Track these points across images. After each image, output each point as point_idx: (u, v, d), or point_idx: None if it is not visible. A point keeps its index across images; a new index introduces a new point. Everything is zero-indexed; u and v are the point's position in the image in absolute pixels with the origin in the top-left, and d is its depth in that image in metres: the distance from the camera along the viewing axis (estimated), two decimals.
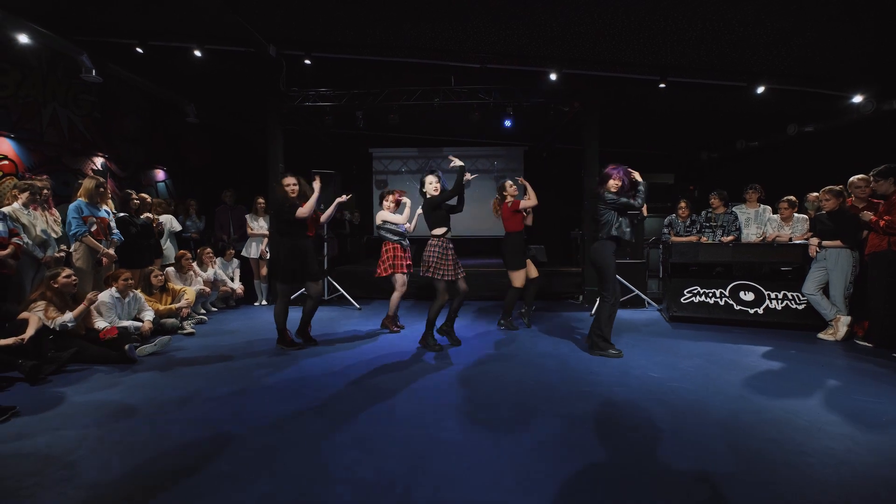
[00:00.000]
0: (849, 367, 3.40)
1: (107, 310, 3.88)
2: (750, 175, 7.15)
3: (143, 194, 5.24)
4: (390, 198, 4.62)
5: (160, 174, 8.21)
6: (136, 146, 7.64)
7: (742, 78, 5.91)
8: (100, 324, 3.66)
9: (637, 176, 3.74)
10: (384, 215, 4.53)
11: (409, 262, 4.53)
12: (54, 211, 4.18)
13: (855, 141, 6.56)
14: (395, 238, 4.49)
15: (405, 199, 4.78)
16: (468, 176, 4.04)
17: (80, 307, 3.45)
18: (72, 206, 4.08)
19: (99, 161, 6.92)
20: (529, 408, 2.58)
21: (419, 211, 4.24)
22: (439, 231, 3.85)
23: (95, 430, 2.30)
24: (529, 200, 4.53)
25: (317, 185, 3.84)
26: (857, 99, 5.76)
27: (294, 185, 3.83)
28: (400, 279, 4.46)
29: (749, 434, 2.25)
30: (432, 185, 3.96)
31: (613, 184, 3.67)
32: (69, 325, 3.35)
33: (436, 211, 3.87)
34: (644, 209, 3.84)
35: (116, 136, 7.24)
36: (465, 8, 4.85)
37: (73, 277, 3.60)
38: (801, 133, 7.20)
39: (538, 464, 1.98)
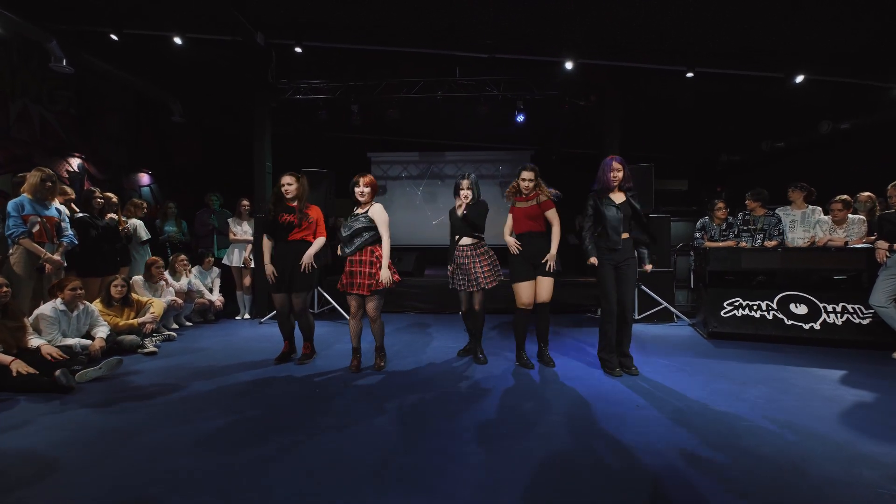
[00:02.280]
0: None
1: (48, 325, 3.24)
2: (776, 179, 6.55)
3: (109, 193, 4.63)
4: (362, 181, 3.25)
5: (145, 178, 7.64)
6: (118, 147, 7.08)
7: (779, 68, 5.35)
8: (34, 342, 3.02)
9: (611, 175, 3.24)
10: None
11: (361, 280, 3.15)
12: None
13: None
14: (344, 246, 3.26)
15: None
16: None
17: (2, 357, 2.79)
18: (11, 202, 3.48)
19: (76, 162, 6.36)
20: (564, 462, 1.93)
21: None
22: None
23: None
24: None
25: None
26: None
27: (289, 184, 3.37)
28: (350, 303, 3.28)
29: (891, 502, 1.59)
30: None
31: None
32: None
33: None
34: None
35: (97, 135, 6.69)
36: None
37: (6, 289, 2.98)
38: (835, 131, 6.63)
39: None
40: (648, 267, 3.37)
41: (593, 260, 3.20)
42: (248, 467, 1.86)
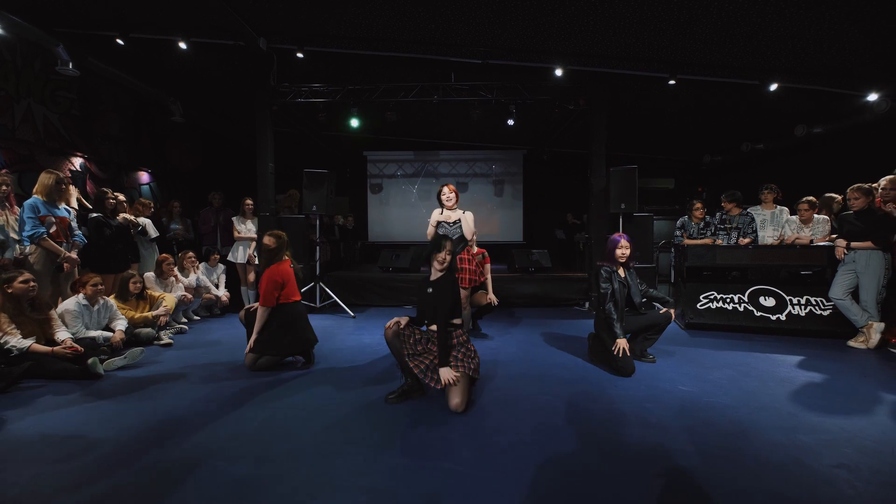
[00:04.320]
0: (891, 376, 3.10)
1: (72, 318, 3.48)
2: (755, 179, 6.94)
3: (119, 194, 4.85)
4: (447, 189, 3.93)
5: (144, 177, 7.82)
6: (118, 146, 7.25)
7: (754, 75, 5.69)
8: (61, 335, 3.25)
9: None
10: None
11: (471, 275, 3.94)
12: (16, 209, 3.78)
13: (867, 143, 6.37)
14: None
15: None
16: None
17: (42, 347, 3.08)
18: (27, 203, 3.68)
19: (78, 162, 6.53)
20: (552, 429, 2.24)
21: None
22: None
23: (37, 464, 1.91)
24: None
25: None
26: (872, 97, 5.56)
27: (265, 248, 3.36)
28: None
29: (816, 460, 1.92)
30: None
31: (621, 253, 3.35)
32: (16, 351, 2.96)
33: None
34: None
35: (97, 135, 6.86)
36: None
37: (32, 283, 3.21)
38: (809, 134, 7.02)
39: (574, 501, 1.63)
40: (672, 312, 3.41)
41: (624, 343, 3.11)
42: (275, 435, 2.14)
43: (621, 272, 3.37)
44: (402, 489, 1.71)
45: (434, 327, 2.65)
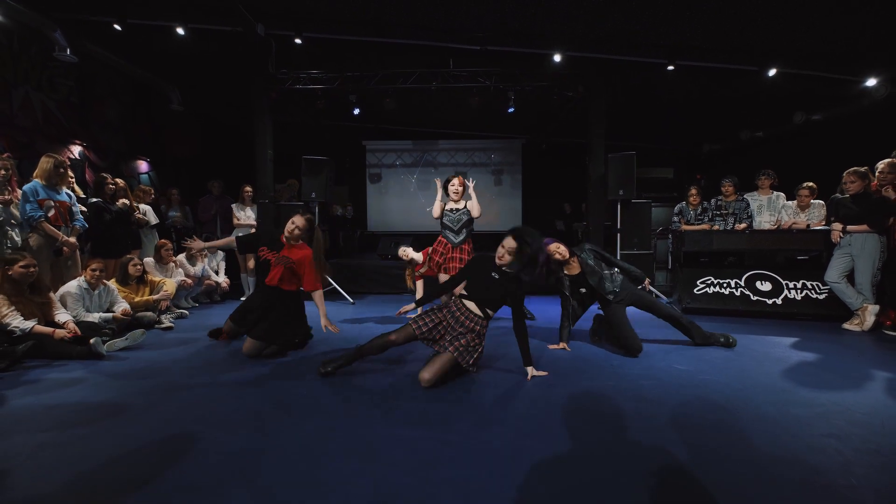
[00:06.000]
0: (885, 356, 3.14)
1: (73, 301, 3.50)
2: (754, 166, 6.93)
3: (119, 179, 4.85)
4: (456, 181, 4.11)
5: (143, 165, 7.81)
6: (116, 134, 7.24)
7: (753, 61, 5.67)
8: (61, 317, 3.27)
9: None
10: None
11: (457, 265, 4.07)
12: (17, 193, 3.79)
13: (865, 128, 6.35)
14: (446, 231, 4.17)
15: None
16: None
17: (44, 328, 3.10)
18: (26, 187, 3.70)
19: (77, 149, 6.52)
20: (548, 404, 2.28)
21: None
22: None
23: (42, 435, 1.95)
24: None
25: None
26: (871, 82, 5.55)
27: (298, 227, 3.13)
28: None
29: (806, 431, 1.96)
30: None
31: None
32: (18, 332, 2.98)
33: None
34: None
35: (96, 123, 6.84)
36: None
37: (33, 269, 3.22)
38: (808, 121, 7.01)
39: (570, 474, 1.67)
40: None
41: (562, 345, 3.28)
42: (276, 410, 2.18)
43: (572, 271, 3.25)
44: (401, 456, 1.75)
45: (471, 305, 2.70)
